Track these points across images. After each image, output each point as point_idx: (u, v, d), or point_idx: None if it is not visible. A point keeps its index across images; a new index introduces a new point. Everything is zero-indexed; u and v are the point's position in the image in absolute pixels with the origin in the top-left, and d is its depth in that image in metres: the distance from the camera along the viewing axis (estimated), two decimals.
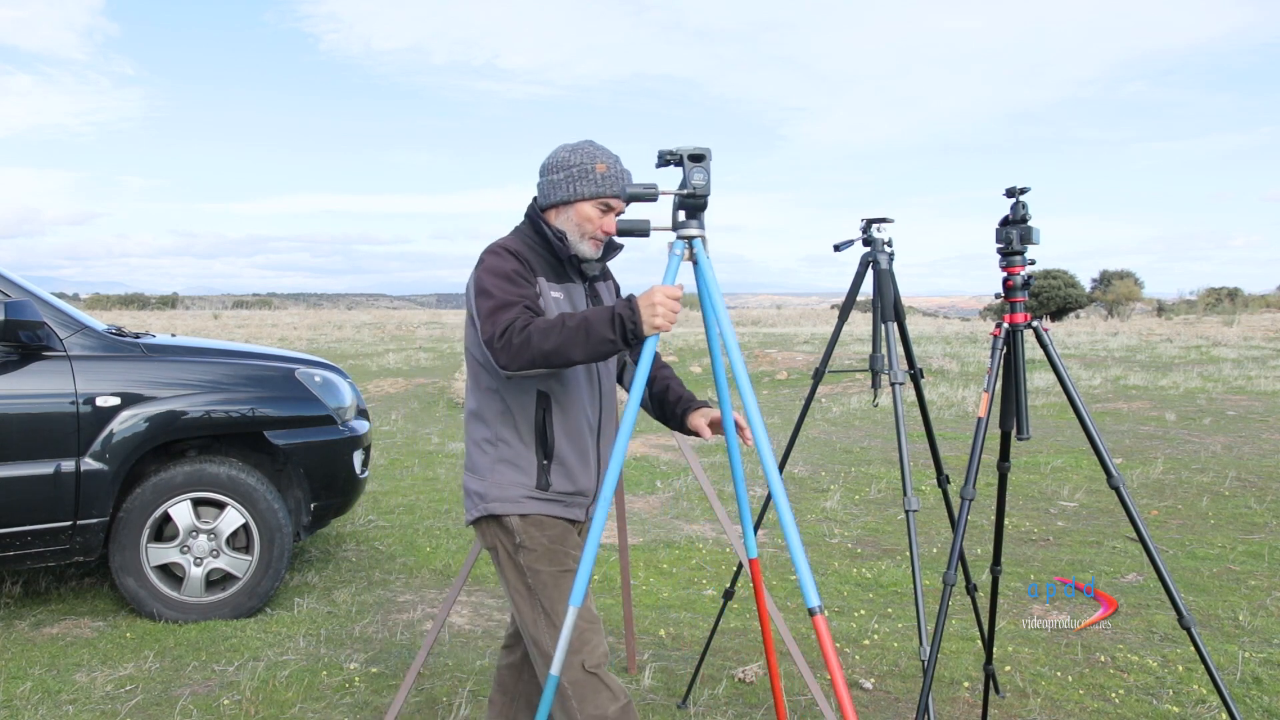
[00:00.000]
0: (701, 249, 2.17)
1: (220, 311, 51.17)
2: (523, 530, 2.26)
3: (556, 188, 2.31)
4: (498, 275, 2.20)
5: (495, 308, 2.15)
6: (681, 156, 2.14)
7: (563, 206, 2.31)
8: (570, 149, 2.33)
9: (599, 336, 2.06)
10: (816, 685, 2.87)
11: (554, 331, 2.07)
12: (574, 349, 2.06)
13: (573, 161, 2.30)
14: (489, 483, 2.28)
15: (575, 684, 2.17)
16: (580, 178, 2.29)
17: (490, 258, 2.24)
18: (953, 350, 16.01)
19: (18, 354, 3.88)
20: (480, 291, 2.19)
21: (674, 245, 2.18)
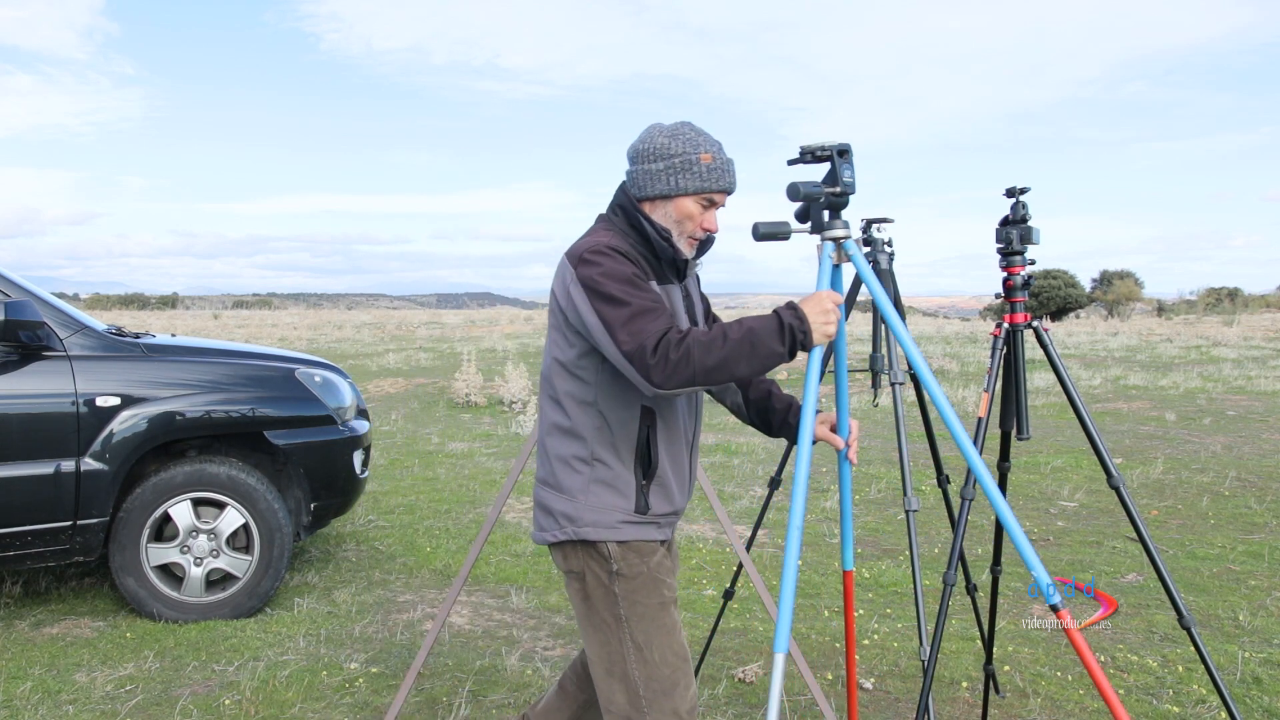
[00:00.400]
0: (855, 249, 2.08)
1: (220, 311, 51.18)
2: (621, 557, 2.04)
3: (655, 179, 2.05)
4: (620, 280, 1.94)
5: (633, 315, 1.89)
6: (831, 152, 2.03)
7: (660, 201, 2.07)
8: (669, 134, 2.07)
9: (767, 350, 1.88)
10: (816, 685, 2.87)
11: (716, 345, 1.86)
12: (739, 364, 1.87)
13: (673, 150, 2.05)
14: (582, 505, 2.04)
15: None
16: (683, 170, 2.04)
17: (603, 259, 1.96)
18: (953, 350, 16.01)
19: (18, 354, 3.88)
20: (605, 298, 1.92)
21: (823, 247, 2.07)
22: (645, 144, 2.07)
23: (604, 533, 2.04)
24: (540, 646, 3.86)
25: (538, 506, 2.14)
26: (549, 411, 2.10)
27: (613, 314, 1.90)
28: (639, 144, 2.09)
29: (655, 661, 2.02)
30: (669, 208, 2.07)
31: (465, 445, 8.91)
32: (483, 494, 6.75)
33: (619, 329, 1.88)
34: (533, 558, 5.13)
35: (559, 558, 2.13)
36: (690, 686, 2.06)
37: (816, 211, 2.06)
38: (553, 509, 2.08)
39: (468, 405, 11.86)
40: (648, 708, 2.01)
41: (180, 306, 62.65)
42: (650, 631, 2.04)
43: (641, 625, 2.04)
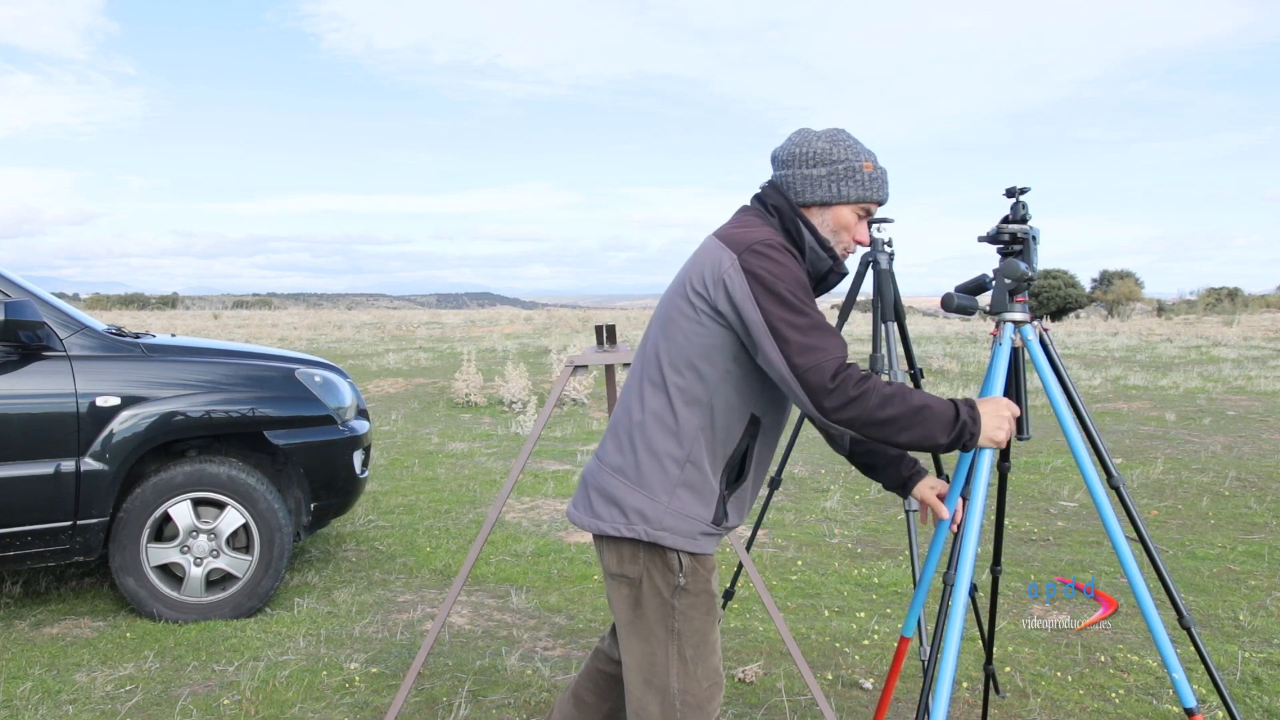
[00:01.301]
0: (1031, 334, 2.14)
1: (220, 311, 51.18)
2: (690, 571, 1.95)
3: (816, 185, 1.96)
4: (799, 286, 1.82)
5: (814, 328, 1.78)
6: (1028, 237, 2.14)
7: (819, 208, 1.98)
8: (829, 139, 1.99)
9: (932, 433, 1.79)
10: (816, 685, 2.87)
11: (894, 402, 1.76)
12: (902, 431, 1.77)
13: (836, 156, 1.97)
14: (663, 507, 1.91)
15: None
16: (846, 177, 1.96)
17: (780, 256, 1.84)
18: (953, 350, 16.01)
19: (18, 354, 3.88)
20: (779, 299, 1.79)
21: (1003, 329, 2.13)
22: (803, 148, 1.99)
23: (680, 541, 1.93)
24: (540, 646, 3.86)
25: (598, 493, 1.99)
26: (651, 399, 1.94)
27: (789, 319, 1.78)
28: (794, 148, 1.99)
29: (697, 677, 1.97)
30: (826, 216, 1.99)
31: (465, 445, 8.91)
32: (483, 494, 6.75)
33: (796, 339, 1.77)
34: (533, 558, 5.13)
35: (612, 557, 1.98)
36: (719, 702, 2.02)
37: (1000, 292, 2.12)
38: (623, 502, 1.94)
39: (468, 405, 11.86)
40: (684, 716, 1.96)
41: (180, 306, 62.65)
42: (699, 647, 1.97)
43: (692, 641, 1.96)
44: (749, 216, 2.00)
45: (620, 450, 1.98)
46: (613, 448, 2.00)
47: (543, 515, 6.12)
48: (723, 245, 1.89)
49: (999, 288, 2.18)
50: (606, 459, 2.01)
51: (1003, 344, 2.19)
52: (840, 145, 1.98)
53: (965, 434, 1.82)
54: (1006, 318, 2.17)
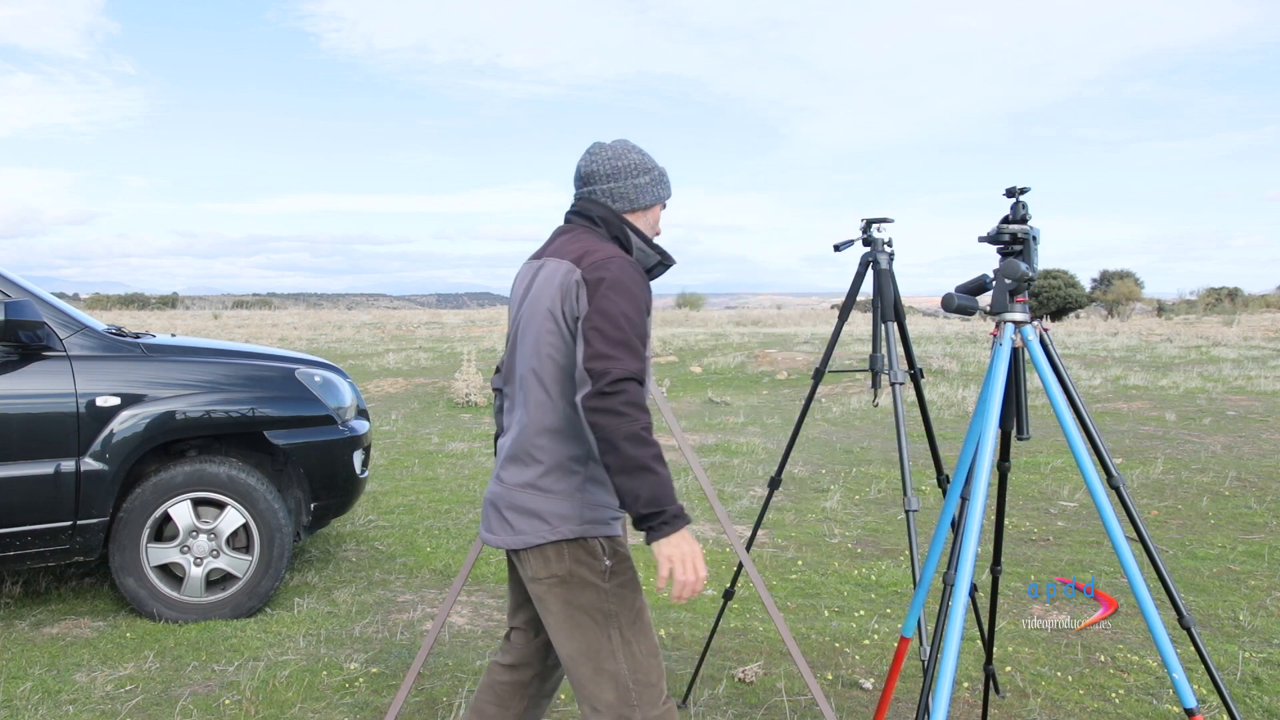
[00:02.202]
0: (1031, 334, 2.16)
1: (220, 311, 51.18)
2: (613, 554, 2.09)
3: (643, 192, 2.18)
4: (635, 305, 1.99)
5: (622, 343, 1.94)
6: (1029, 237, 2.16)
7: (642, 211, 2.20)
8: (637, 150, 2.21)
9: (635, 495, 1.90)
10: (816, 685, 2.87)
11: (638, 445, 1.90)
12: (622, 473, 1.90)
13: (650, 164, 2.20)
14: (578, 503, 2.06)
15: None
16: (660, 181, 2.21)
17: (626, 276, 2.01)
18: (953, 350, 16.02)
19: (18, 354, 3.88)
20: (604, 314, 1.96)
21: (1003, 330, 2.18)
22: (622, 160, 2.17)
23: (600, 529, 2.07)
24: None
25: (514, 510, 2.10)
26: (541, 415, 2.08)
27: (612, 332, 1.94)
28: (614, 161, 2.17)
29: (641, 655, 2.08)
30: (648, 217, 2.20)
31: (465, 445, 8.91)
32: (482, 494, 6.74)
33: (609, 345, 1.93)
34: None
35: (539, 564, 2.08)
36: (664, 679, 2.13)
37: (1000, 292, 2.13)
38: (542, 511, 2.06)
39: (468, 405, 11.86)
40: (638, 701, 2.06)
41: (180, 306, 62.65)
42: (635, 624, 2.10)
43: (628, 619, 2.09)
44: (583, 235, 2.14)
45: (525, 469, 2.10)
46: (516, 469, 2.12)
47: None
48: (573, 266, 2.05)
49: (999, 288, 2.18)
50: (512, 479, 2.12)
51: (1003, 344, 2.19)
52: (648, 155, 2.21)
53: (657, 524, 1.90)
54: (1007, 318, 2.18)
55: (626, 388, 1.91)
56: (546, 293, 2.08)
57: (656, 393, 2.90)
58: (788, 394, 12.68)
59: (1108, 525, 2.17)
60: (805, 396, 3.27)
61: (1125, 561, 2.16)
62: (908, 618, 2.55)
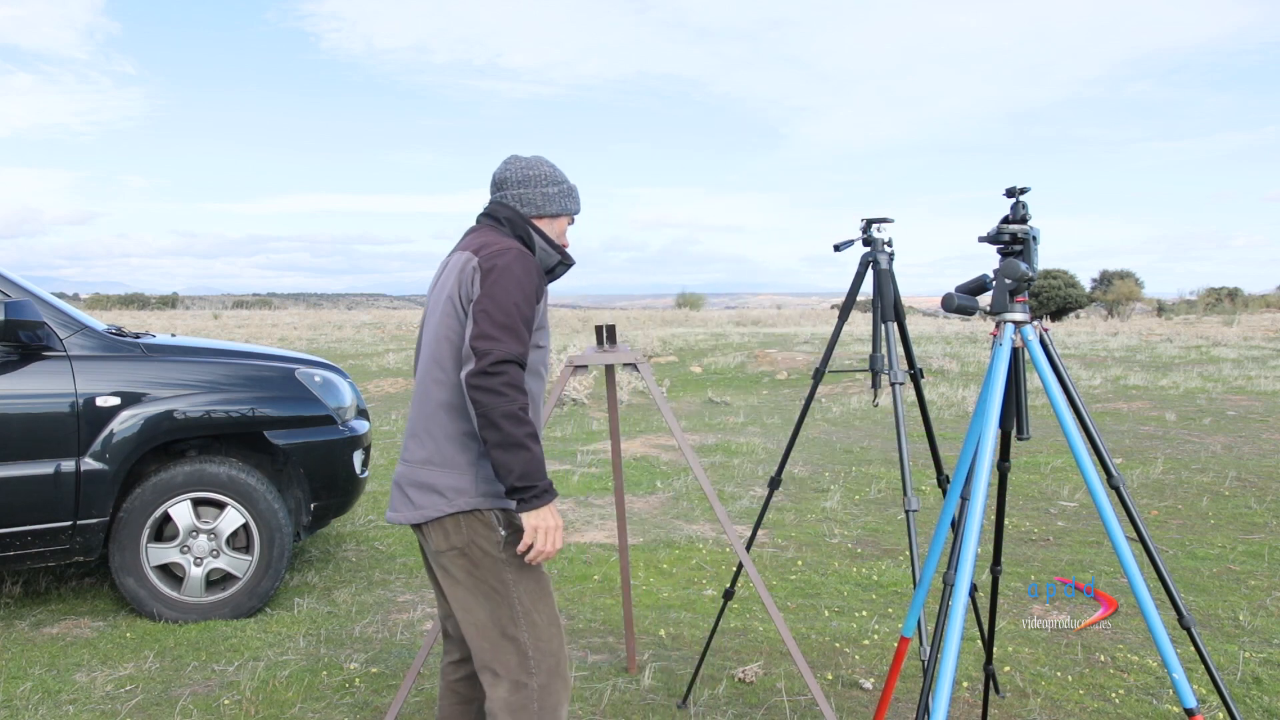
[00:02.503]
0: (1031, 334, 2.17)
1: (220, 311, 51.16)
2: (507, 524, 2.21)
3: (551, 200, 2.37)
4: (523, 292, 2.16)
5: (507, 327, 2.11)
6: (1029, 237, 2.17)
7: (549, 219, 2.38)
8: (549, 164, 2.40)
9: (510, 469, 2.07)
10: (816, 685, 2.87)
11: (515, 423, 2.06)
12: (499, 449, 2.07)
13: (560, 178, 2.39)
14: (474, 478, 2.19)
15: (544, 688, 2.20)
16: (569, 194, 2.40)
17: (518, 265, 2.17)
18: (953, 350, 16.01)
19: (18, 354, 3.88)
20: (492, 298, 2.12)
21: (1003, 330, 2.18)
22: (533, 170, 2.37)
23: (494, 502, 2.19)
24: None
25: (414, 486, 2.23)
26: (438, 392, 2.22)
27: (498, 315, 2.11)
28: (525, 170, 2.37)
29: (541, 623, 2.21)
30: (555, 226, 2.39)
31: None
32: None
33: (494, 328, 2.09)
34: None
35: (439, 536, 2.20)
36: (565, 647, 2.27)
37: (1000, 292, 2.14)
38: (439, 485, 2.20)
39: None
40: (536, 668, 2.19)
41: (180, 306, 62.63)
42: (535, 594, 2.22)
43: (528, 588, 2.21)
44: (486, 231, 2.32)
45: (422, 445, 2.25)
46: (415, 446, 2.27)
47: None
48: (472, 255, 2.22)
49: (999, 288, 2.18)
50: (413, 457, 2.26)
51: (1003, 344, 2.19)
52: (559, 170, 2.42)
53: (528, 497, 2.08)
54: (1007, 318, 2.17)
55: (508, 369, 2.08)
56: (449, 282, 2.25)
57: (656, 393, 2.90)
58: (788, 394, 12.67)
59: (1108, 525, 2.17)
60: (805, 396, 3.27)
61: (1125, 561, 2.15)
62: (908, 618, 2.55)
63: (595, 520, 6.00)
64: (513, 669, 2.19)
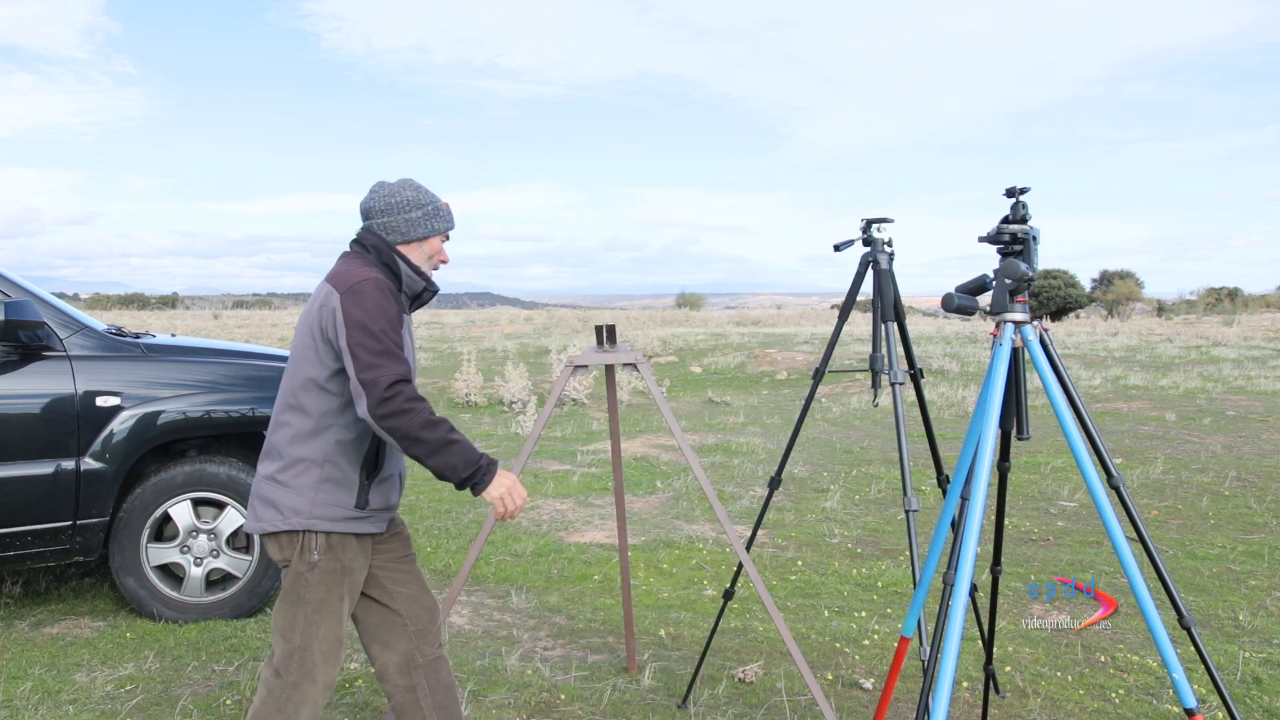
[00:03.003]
0: (1031, 334, 2.17)
1: (220, 311, 51.16)
2: (325, 549, 2.35)
3: (415, 225, 2.44)
4: (386, 318, 2.27)
5: (384, 352, 2.22)
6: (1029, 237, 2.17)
7: (418, 243, 2.46)
8: (412, 187, 2.47)
9: (452, 467, 2.22)
10: (816, 685, 2.87)
11: (433, 428, 2.20)
12: (429, 455, 2.20)
13: (424, 200, 2.46)
14: (310, 500, 2.33)
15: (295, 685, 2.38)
16: (435, 215, 2.47)
17: (377, 293, 2.28)
18: (953, 350, 16.02)
19: (18, 354, 3.88)
20: (363, 329, 2.23)
21: (1003, 330, 2.18)
22: (395, 197, 2.44)
23: (329, 525, 2.34)
24: (540, 646, 3.85)
25: (261, 500, 2.38)
26: (292, 419, 2.35)
27: (364, 343, 2.21)
28: (387, 198, 2.44)
29: (315, 637, 2.39)
30: (424, 247, 2.46)
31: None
32: None
33: (371, 356, 2.20)
34: (533, 558, 5.13)
35: (274, 548, 2.40)
36: (336, 666, 2.44)
37: (1000, 292, 2.14)
38: (280, 503, 2.34)
39: (468, 405, 11.86)
40: (297, 667, 2.38)
41: (180, 306, 62.61)
42: (317, 612, 2.39)
43: (313, 605, 2.38)
44: (352, 260, 2.41)
45: (271, 462, 2.39)
46: (269, 463, 2.40)
47: (543, 515, 6.12)
48: (331, 288, 2.31)
49: (999, 288, 2.18)
50: (265, 473, 2.40)
51: (1003, 344, 2.19)
52: (421, 191, 2.47)
53: (477, 479, 2.24)
54: (1007, 318, 2.18)
55: (401, 389, 2.19)
56: (312, 310, 2.36)
57: (656, 392, 2.90)
58: (788, 394, 12.68)
59: (1108, 525, 2.17)
60: (805, 396, 3.27)
61: (1125, 561, 2.15)
62: (908, 618, 2.55)
63: (595, 520, 6.00)
64: (278, 659, 2.40)
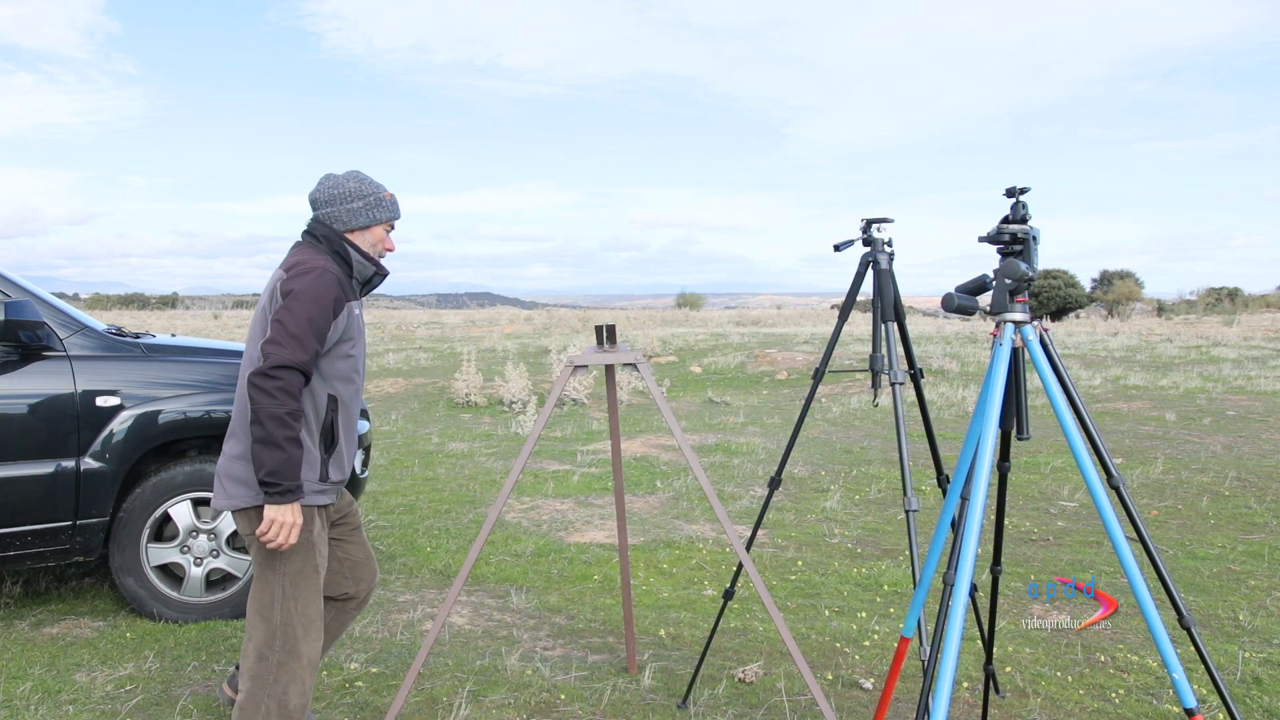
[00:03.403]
0: (1031, 334, 2.18)
1: (220, 311, 51.15)
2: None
3: (357, 215, 2.64)
4: (320, 306, 2.46)
5: (295, 336, 2.41)
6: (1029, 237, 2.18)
7: (361, 231, 2.66)
8: (356, 179, 2.65)
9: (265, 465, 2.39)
10: (816, 685, 2.87)
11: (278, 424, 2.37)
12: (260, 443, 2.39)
13: (366, 191, 2.65)
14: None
15: (282, 665, 2.52)
16: (377, 205, 2.66)
17: (319, 279, 2.48)
18: (953, 350, 16.02)
19: (18, 354, 3.88)
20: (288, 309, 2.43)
21: (1003, 330, 2.19)
22: (339, 189, 2.63)
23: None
24: (540, 646, 3.86)
25: (229, 478, 2.56)
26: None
27: (289, 323, 2.41)
28: (332, 190, 2.63)
29: (295, 611, 2.52)
30: (367, 235, 2.67)
31: (465, 445, 8.91)
32: (483, 494, 6.75)
33: (283, 335, 2.40)
34: (533, 558, 5.13)
35: (244, 523, 2.58)
36: (319, 639, 2.60)
37: (1000, 292, 2.14)
38: (247, 480, 2.53)
39: (468, 405, 11.86)
40: (281, 646, 2.52)
41: (180, 306, 62.60)
42: (296, 583, 2.54)
43: (291, 577, 2.54)
44: (304, 249, 2.63)
45: (240, 442, 2.56)
46: (233, 443, 2.59)
47: (543, 515, 6.12)
48: (282, 274, 2.53)
49: (999, 288, 2.18)
50: (230, 452, 2.58)
51: (1003, 344, 2.19)
52: (365, 183, 2.66)
53: (274, 492, 2.40)
54: (1007, 318, 2.18)
55: (285, 375, 2.38)
56: (264, 297, 2.55)
57: (656, 392, 2.90)
58: (788, 394, 12.68)
59: (1108, 525, 2.17)
60: (805, 396, 3.27)
61: (1125, 561, 2.16)
62: (908, 618, 2.55)
63: (595, 520, 6.00)
64: (259, 643, 2.54)
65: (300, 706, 2.57)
